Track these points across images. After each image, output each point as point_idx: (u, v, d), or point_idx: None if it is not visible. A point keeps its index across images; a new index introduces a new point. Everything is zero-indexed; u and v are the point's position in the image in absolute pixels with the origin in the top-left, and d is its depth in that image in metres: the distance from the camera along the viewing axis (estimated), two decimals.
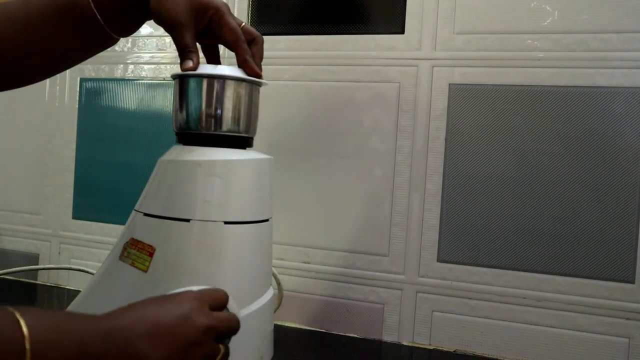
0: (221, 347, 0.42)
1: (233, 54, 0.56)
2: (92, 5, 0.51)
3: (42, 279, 0.99)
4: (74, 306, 0.58)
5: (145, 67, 0.93)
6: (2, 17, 0.51)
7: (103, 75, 0.95)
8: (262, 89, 0.58)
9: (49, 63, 0.54)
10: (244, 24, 0.56)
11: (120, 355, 0.34)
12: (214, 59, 0.60)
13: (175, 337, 0.37)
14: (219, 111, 0.54)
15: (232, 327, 0.43)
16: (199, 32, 0.54)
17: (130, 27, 0.55)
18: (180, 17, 0.51)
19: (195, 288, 0.51)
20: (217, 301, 0.43)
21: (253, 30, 0.57)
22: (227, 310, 0.46)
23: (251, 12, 0.88)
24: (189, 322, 0.38)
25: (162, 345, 0.36)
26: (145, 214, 0.54)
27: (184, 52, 0.52)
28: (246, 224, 0.54)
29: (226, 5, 0.54)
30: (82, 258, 0.96)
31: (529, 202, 0.74)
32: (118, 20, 0.53)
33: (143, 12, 0.52)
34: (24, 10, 0.51)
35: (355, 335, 0.81)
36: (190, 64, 0.53)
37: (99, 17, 0.51)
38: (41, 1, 0.52)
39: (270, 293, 0.58)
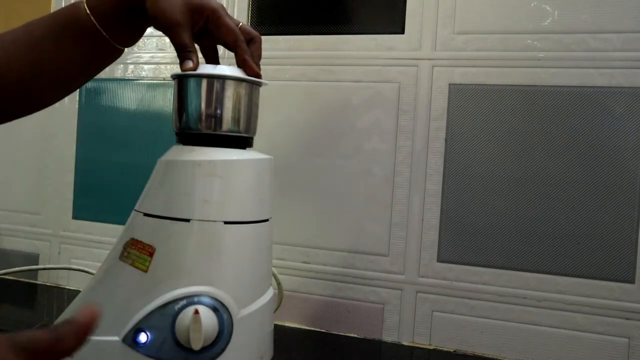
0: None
1: (232, 54, 0.56)
2: (92, 18, 0.51)
3: (42, 279, 0.99)
4: (73, 306, 0.58)
5: (145, 67, 0.93)
6: (7, 42, 0.51)
7: (103, 75, 0.95)
8: (262, 89, 0.58)
9: (56, 83, 0.54)
10: (241, 23, 0.56)
11: None
12: (213, 59, 0.60)
13: None
14: (218, 111, 0.54)
15: (36, 338, 0.32)
16: (197, 33, 0.54)
17: (132, 36, 0.55)
18: (176, 16, 0.51)
19: (193, 288, 0.51)
20: (31, 342, 0.32)
21: (251, 29, 0.57)
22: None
23: (251, 12, 0.88)
24: None
25: None
26: (145, 214, 0.54)
27: (183, 52, 0.52)
28: (246, 224, 0.54)
29: (222, 6, 0.54)
30: (82, 258, 0.96)
31: (529, 202, 0.74)
32: (119, 29, 0.53)
33: (142, 17, 0.52)
34: (26, 32, 0.52)
35: (355, 335, 0.81)
36: (190, 64, 0.53)
37: (100, 28, 0.51)
38: (42, 21, 0.52)
39: (270, 293, 0.58)
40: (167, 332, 0.50)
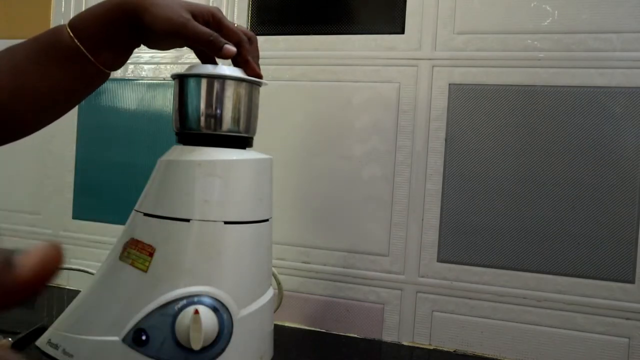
0: None
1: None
2: (75, 40, 0.49)
3: None
4: (73, 306, 0.58)
5: (145, 67, 0.93)
6: None
7: None
8: (262, 89, 0.58)
9: (41, 109, 0.52)
10: (236, 24, 0.57)
11: None
12: (211, 60, 0.60)
13: None
14: (218, 111, 0.54)
15: None
16: None
17: (119, 57, 0.53)
18: (182, 14, 0.50)
19: (193, 289, 0.51)
20: None
21: (246, 30, 0.57)
22: None
23: (251, 12, 0.88)
24: None
25: None
26: (145, 214, 0.54)
27: (212, 41, 0.51)
28: (246, 224, 0.54)
29: (219, 9, 0.55)
30: (82, 258, 0.96)
31: (529, 202, 0.74)
32: (105, 51, 0.51)
33: (129, 37, 0.51)
34: (9, 56, 0.50)
35: (355, 335, 0.81)
36: (232, 47, 0.52)
37: (83, 50, 0.50)
38: (25, 45, 0.51)
39: (270, 293, 0.58)
40: (167, 332, 0.50)
